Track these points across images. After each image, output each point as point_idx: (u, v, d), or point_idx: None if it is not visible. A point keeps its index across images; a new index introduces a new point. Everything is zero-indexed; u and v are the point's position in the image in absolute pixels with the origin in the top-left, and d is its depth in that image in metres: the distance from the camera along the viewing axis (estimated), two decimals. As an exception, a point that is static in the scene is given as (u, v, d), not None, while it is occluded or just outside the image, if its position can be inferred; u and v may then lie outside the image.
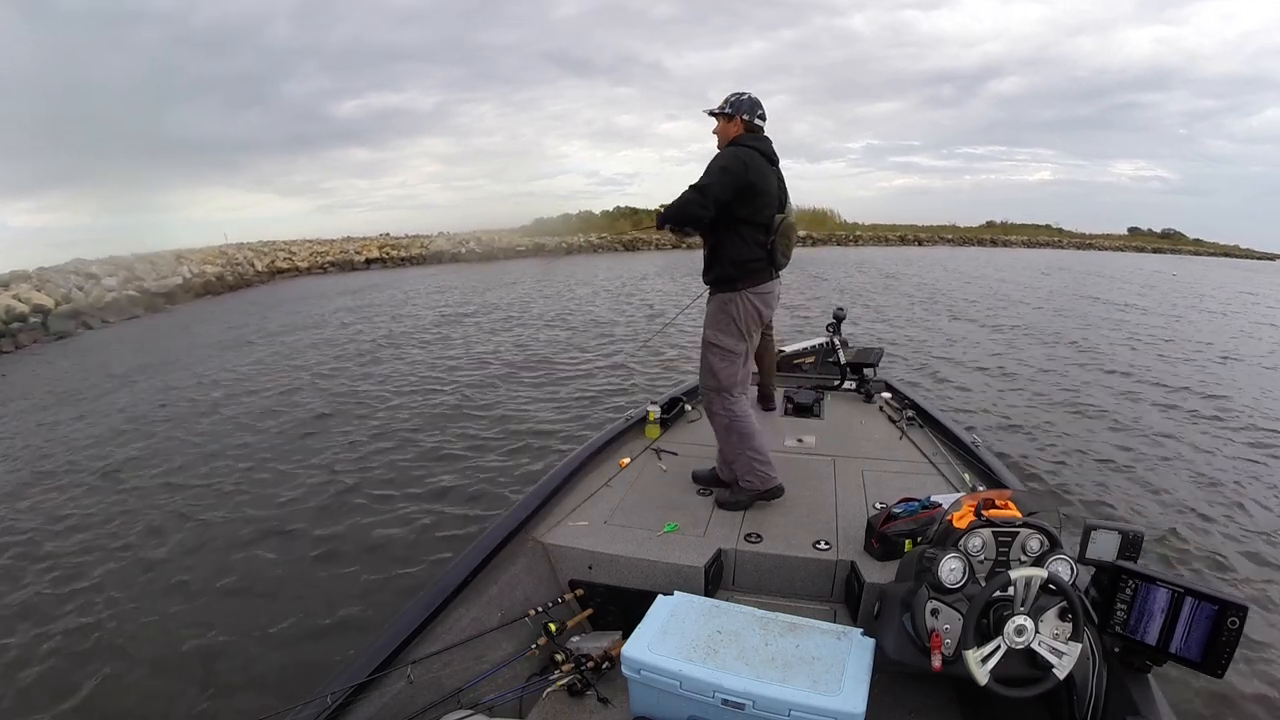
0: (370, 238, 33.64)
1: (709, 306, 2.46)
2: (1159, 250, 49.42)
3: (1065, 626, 1.38)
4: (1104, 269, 27.92)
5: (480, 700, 1.67)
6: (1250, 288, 22.55)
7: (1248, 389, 7.70)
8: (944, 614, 1.44)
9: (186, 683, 2.67)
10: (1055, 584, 1.35)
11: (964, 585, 1.45)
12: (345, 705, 1.45)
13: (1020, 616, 1.35)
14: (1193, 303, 16.84)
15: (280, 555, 3.65)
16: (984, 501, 1.59)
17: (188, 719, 2.51)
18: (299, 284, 21.11)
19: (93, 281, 15.64)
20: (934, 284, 18.65)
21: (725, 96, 2.40)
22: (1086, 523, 1.52)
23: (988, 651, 1.34)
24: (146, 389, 7.60)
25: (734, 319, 2.37)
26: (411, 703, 1.59)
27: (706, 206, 2.23)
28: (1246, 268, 37.95)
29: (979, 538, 1.49)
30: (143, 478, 4.85)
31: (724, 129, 2.39)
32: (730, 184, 2.23)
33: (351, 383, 7.45)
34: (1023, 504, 1.59)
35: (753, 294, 2.36)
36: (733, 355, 2.41)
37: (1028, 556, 1.48)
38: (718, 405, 2.46)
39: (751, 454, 2.42)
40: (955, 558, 1.46)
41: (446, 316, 12.41)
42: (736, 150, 2.29)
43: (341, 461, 5.00)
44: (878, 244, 41.65)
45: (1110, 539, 1.49)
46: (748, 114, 2.36)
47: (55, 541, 3.89)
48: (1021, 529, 1.49)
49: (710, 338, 2.43)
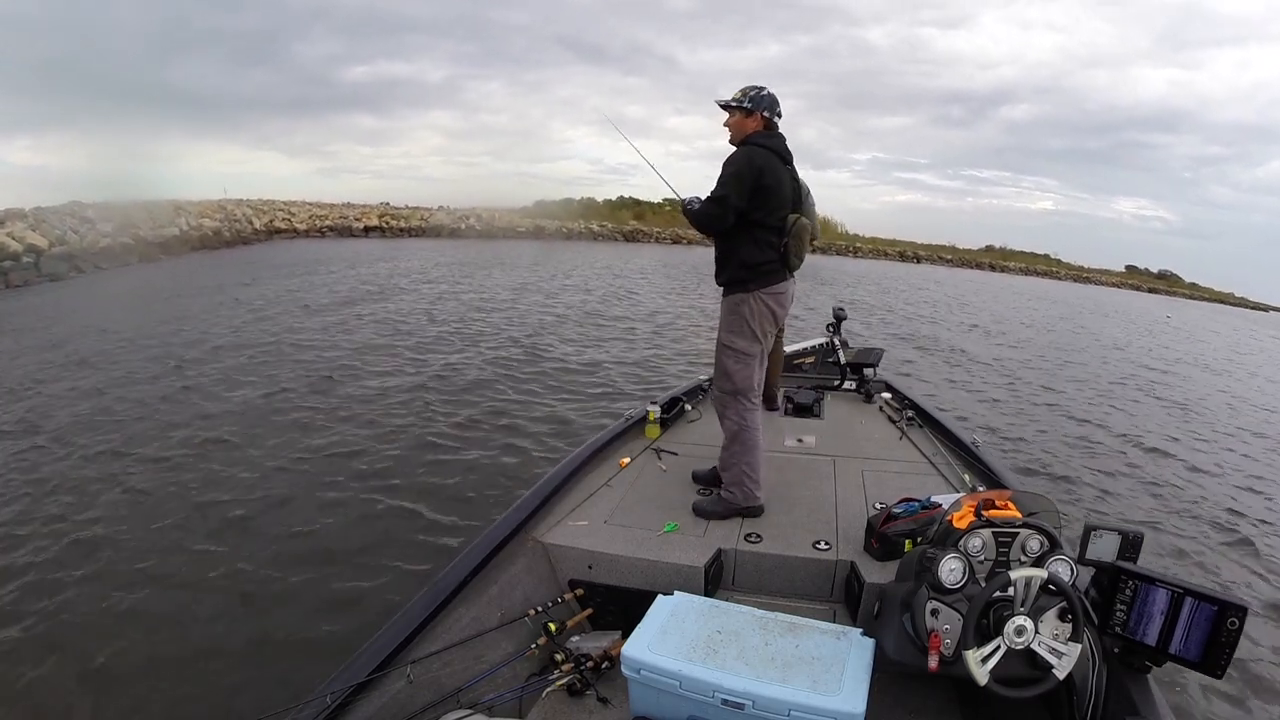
0: (370, 205, 33.35)
1: (722, 308, 2.42)
2: (1154, 290, 49.88)
3: (1065, 627, 1.38)
4: (1103, 304, 27.77)
5: (480, 700, 1.67)
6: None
7: (1246, 397, 7.71)
8: (944, 614, 1.44)
9: (186, 683, 2.67)
10: (1055, 584, 1.36)
11: (964, 585, 1.46)
12: (345, 705, 1.45)
13: (1020, 617, 1.35)
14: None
15: (276, 554, 3.64)
16: (984, 502, 1.59)
17: (188, 719, 2.51)
18: (297, 246, 20.59)
19: (88, 225, 15.29)
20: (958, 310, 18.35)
21: (743, 90, 2.33)
22: (1086, 523, 1.52)
23: (987, 652, 1.34)
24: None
25: (747, 320, 2.34)
26: (411, 702, 1.59)
27: (726, 217, 2.22)
28: (1239, 315, 37.83)
29: (979, 538, 1.49)
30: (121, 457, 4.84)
31: (740, 123, 2.33)
32: (745, 189, 2.20)
33: (347, 368, 7.44)
34: (1023, 504, 1.60)
35: (766, 295, 2.33)
36: (747, 357, 2.38)
37: (1028, 557, 1.48)
38: (731, 410, 2.42)
39: (746, 468, 2.39)
40: (955, 558, 1.46)
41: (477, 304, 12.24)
42: (750, 151, 2.25)
43: (341, 456, 4.99)
44: (877, 257, 41.76)
45: (1110, 539, 1.49)
46: (768, 110, 2.32)
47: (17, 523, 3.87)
48: (1021, 529, 1.49)
49: (724, 340, 2.38)
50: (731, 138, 2.36)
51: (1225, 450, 5.67)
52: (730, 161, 2.26)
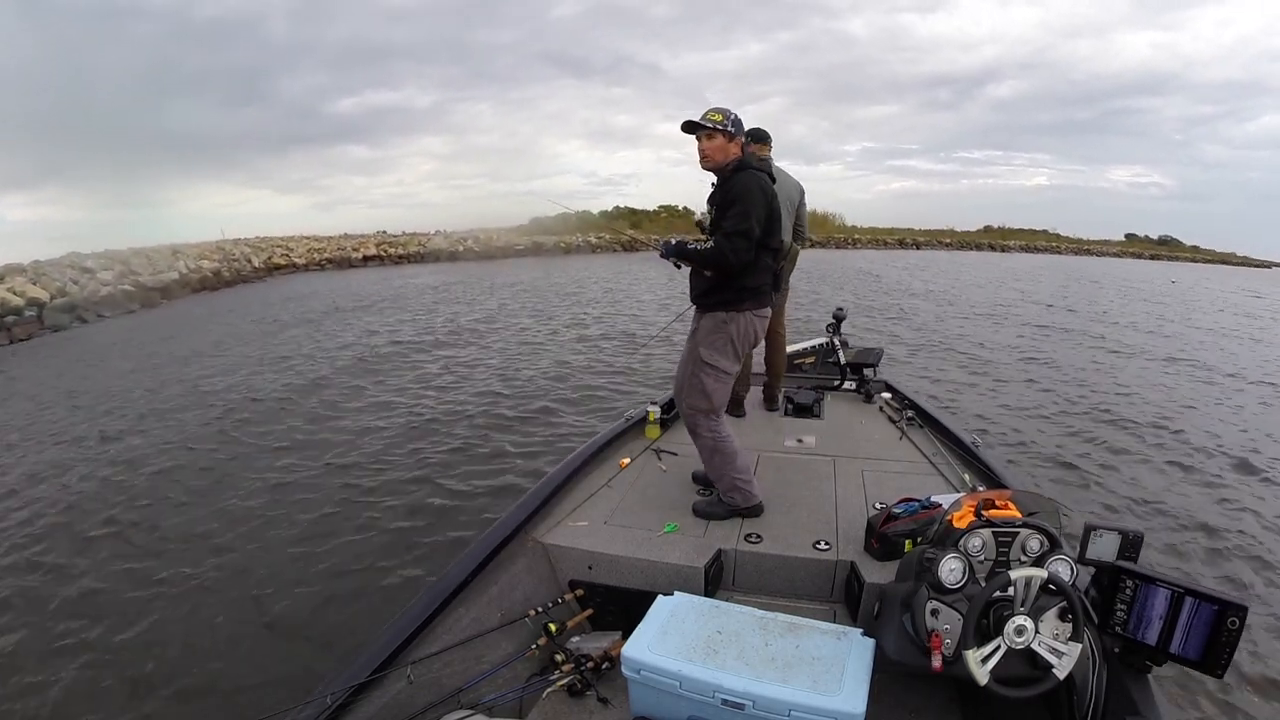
0: (368, 235, 33.63)
1: (701, 324, 2.34)
2: (1156, 257, 49.88)
3: (1065, 627, 1.38)
4: (1109, 274, 27.78)
5: (480, 700, 1.68)
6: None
7: (1249, 393, 7.71)
8: (944, 614, 1.44)
9: (186, 683, 2.67)
10: (1055, 584, 1.36)
11: (964, 585, 1.46)
12: (345, 705, 1.45)
13: (1020, 617, 1.35)
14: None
15: (273, 555, 3.65)
16: (984, 502, 1.59)
17: (189, 719, 2.51)
18: (297, 280, 21.02)
19: (88, 275, 15.50)
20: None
21: (719, 111, 2.20)
22: (1086, 523, 1.52)
23: (988, 652, 1.34)
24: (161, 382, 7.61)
25: (732, 339, 2.29)
26: (411, 703, 1.59)
27: (752, 249, 2.15)
28: (1243, 275, 37.85)
29: (979, 538, 1.49)
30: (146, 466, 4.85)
31: (724, 148, 2.22)
32: (763, 217, 2.16)
33: (353, 385, 7.45)
34: (1022, 504, 1.60)
35: (755, 315, 2.31)
36: (727, 377, 2.35)
37: (1028, 557, 1.48)
38: (704, 427, 2.37)
39: (735, 475, 2.37)
40: (955, 558, 1.46)
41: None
42: (759, 179, 2.19)
43: (340, 460, 4.99)
44: (876, 247, 41.79)
45: (1110, 539, 1.49)
46: (744, 136, 2.26)
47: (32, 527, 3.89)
48: (1021, 529, 1.49)
49: (706, 358, 2.30)
50: (711, 163, 2.24)
51: (1231, 447, 5.67)
52: (743, 191, 2.15)
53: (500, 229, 34.42)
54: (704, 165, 2.27)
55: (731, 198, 2.16)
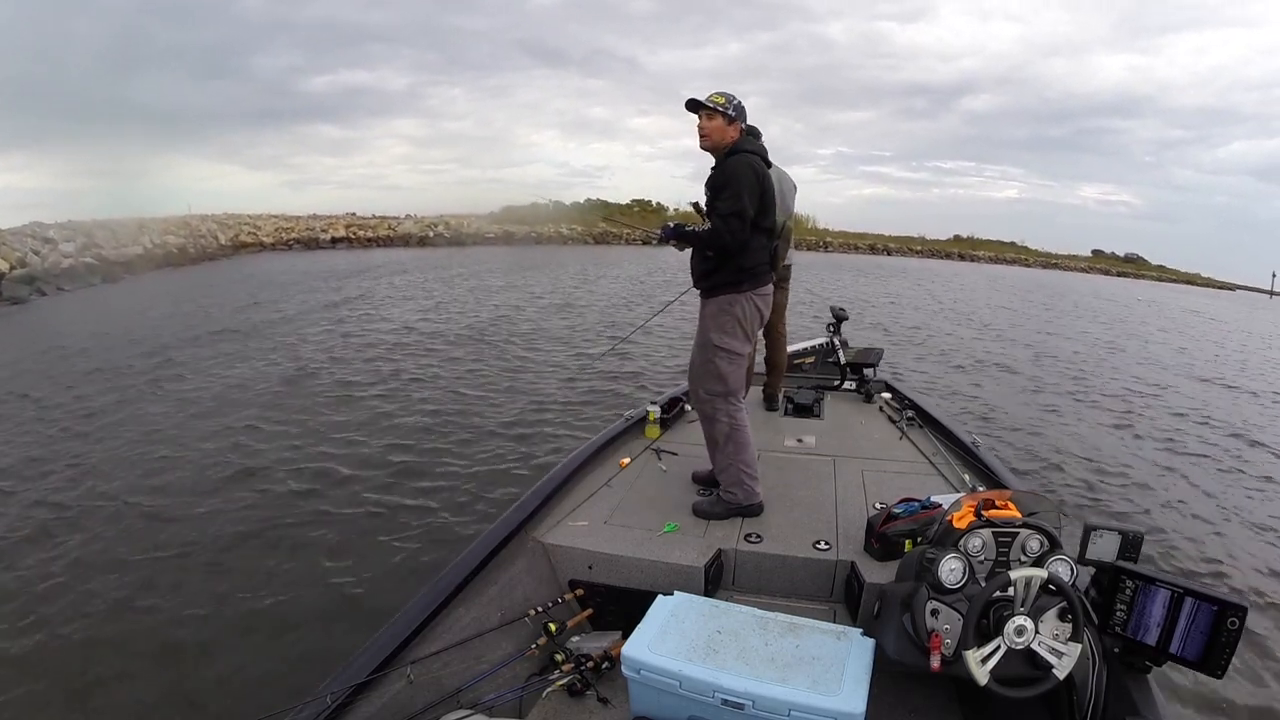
0: (337, 216, 32.98)
1: (706, 310, 2.40)
2: (1123, 274, 50.13)
3: (1065, 627, 1.38)
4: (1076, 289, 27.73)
5: (480, 700, 1.67)
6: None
7: (1244, 395, 7.71)
8: (944, 614, 1.44)
9: (185, 683, 2.67)
10: (1055, 584, 1.36)
11: (964, 585, 1.46)
12: (345, 705, 1.45)
13: (1020, 617, 1.35)
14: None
15: (271, 553, 3.64)
16: (984, 502, 1.59)
17: (188, 719, 2.51)
18: (263, 260, 20.37)
19: (50, 246, 15.07)
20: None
21: (722, 95, 2.29)
22: (1086, 523, 1.52)
23: (988, 652, 1.34)
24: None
25: (739, 321, 2.34)
26: (411, 703, 1.59)
27: (746, 230, 2.21)
28: (1208, 296, 37.90)
29: (979, 538, 1.49)
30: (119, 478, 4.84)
31: (723, 130, 2.29)
32: (756, 199, 2.21)
33: (349, 373, 7.44)
34: (1022, 504, 1.60)
35: (756, 296, 2.35)
36: (739, 358, 2.39)
37: (1028, 557, 1.48)
38: (722, 411, 2.40)
39: (743, 466, 2.39)
40: (955, 558, 1.46)
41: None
42: (750, 161, 2.24)
43: (337, 456, 4.99)
44: (847, 251, 41.86)
45: (1110, 539, 1.49)
46: (744, 121, 2.33)
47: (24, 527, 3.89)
48: (1021, 529, 1.49)
49: (716, 341, 2.35)
50: (709, 143, 2.31)
51: (1229, 448, 5.68)
52: (735, 173, 2.21)
53: (472, 215, 34.15)
54: (702, 145, 2.34)
55: (724, 180, 2.22)
